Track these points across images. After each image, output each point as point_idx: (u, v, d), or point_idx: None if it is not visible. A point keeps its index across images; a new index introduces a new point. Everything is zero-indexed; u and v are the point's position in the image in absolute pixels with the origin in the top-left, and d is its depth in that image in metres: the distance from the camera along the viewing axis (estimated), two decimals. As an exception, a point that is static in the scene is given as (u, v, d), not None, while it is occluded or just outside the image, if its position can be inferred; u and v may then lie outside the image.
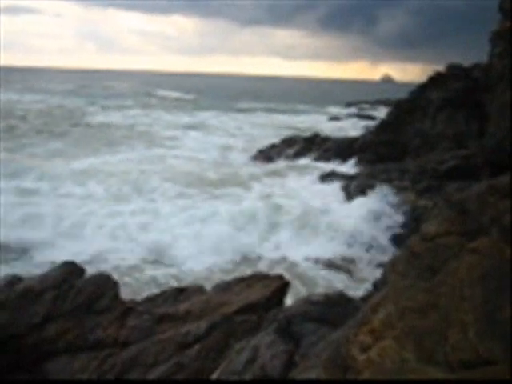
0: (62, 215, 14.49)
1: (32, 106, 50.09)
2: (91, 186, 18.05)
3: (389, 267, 4.18)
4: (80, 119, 40.51)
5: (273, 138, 32.74)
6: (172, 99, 74.74)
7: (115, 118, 42.68)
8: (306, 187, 19.34)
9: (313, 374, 3.94)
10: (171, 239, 13.36)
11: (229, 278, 8.43)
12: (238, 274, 10.21)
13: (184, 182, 19.18)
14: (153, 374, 5.78)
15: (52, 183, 18.17)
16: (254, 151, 28.59)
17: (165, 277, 11.50)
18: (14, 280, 7.34)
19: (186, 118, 46.05)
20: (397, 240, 13.75)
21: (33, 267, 10.91)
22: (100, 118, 42.26)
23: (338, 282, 11.65)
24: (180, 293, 7.33)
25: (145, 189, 18.09)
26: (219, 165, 24.19)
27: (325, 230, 14.38)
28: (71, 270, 7.39)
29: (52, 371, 6.08)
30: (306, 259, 12.85)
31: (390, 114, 26.19)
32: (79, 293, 6.92)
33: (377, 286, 7.56)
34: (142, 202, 16.50)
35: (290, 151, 27.61)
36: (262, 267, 12.17)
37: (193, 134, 35.70)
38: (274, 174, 22.34)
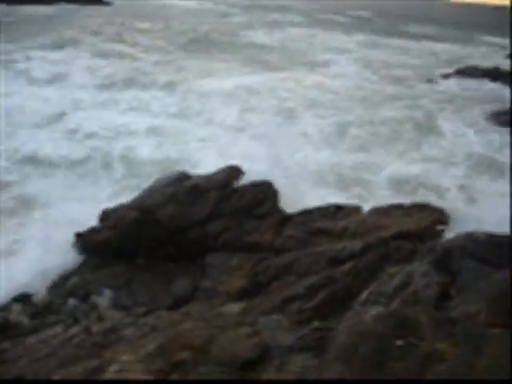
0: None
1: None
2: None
3: None
4: (237, 35, 38.96)
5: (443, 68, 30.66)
6: (345, 17, 72.05)
7: (275, 36, 40.65)
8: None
9: (472, 308, 3.79)
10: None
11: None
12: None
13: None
14: (303, 283, 5.93)
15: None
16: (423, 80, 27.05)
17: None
18: (183, 177, 7.83)
19: (351, 39, 43.88)
20: None
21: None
22: (259, 35, 40.20)
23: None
24: (338, 210, 7.37)
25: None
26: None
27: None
28: (235, 173, 7.71)
29: (211, 264, 6.51)
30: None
31: None
32: (241, 196, 7.22)
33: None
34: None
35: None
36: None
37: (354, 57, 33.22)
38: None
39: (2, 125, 13.55)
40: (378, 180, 11.69)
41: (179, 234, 6.93)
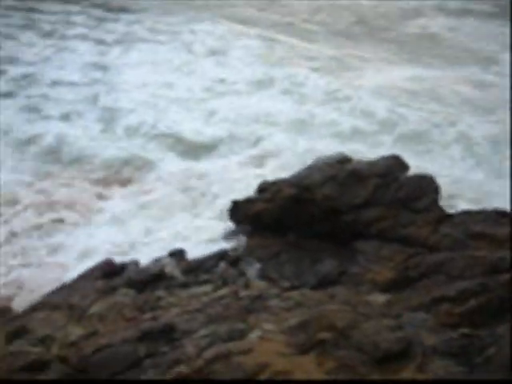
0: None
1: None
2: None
3: None
4: (405, 22, 34.82)
5: None
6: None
7: (450, 26, 35.86)
8: None
9: None
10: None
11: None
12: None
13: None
14: (454, 286, 5.68)
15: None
16: None
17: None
18: (344, 159, 7.84)
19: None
20: None
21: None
22: (430, 24, 35.54)
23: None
24: (502, 216, 6.92)
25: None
26: None
27: None
28: (397, 162, 7.53)
29: (362, 250, 6.46)
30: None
31: None
32: (401, 187, 7.05)
33: None
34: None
35: None
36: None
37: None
38: None
39: (149, 98, 13.71)
40: None
41: (333, 216, 6.94)
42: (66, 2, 22.14)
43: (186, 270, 6.62)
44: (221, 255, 6.94)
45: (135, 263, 6.90)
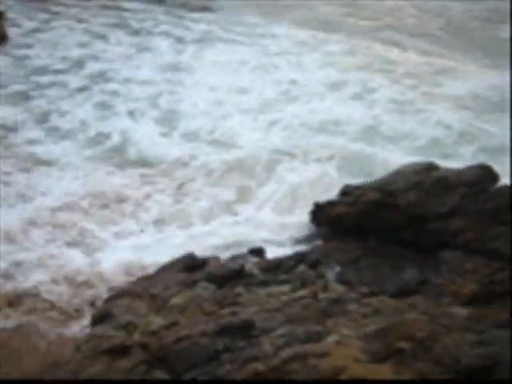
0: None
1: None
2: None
3: None
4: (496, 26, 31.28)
5: None
6: None
7: None
8: None
9: None
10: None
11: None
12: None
13: None
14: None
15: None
16: None
17: None
18: (431, 167, 7.65)
19: None
20: None
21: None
22: None
23: None
24: None
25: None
26: None
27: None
28: (486, 172, 7.28)
29: (445, 261, 6.29)
30: None
31: None
32: (490, 198, 6.81)
33: None
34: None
35: None
36: None
37: None
38: None
39: (215, 102, 13.40)
40: None
41: (418, 223, 6.81)
42: (149, 2, 22.59)
43: (265, 269, 6.66)
44: (300, 256, 6.95)
45: (216, 258, 7.03)
